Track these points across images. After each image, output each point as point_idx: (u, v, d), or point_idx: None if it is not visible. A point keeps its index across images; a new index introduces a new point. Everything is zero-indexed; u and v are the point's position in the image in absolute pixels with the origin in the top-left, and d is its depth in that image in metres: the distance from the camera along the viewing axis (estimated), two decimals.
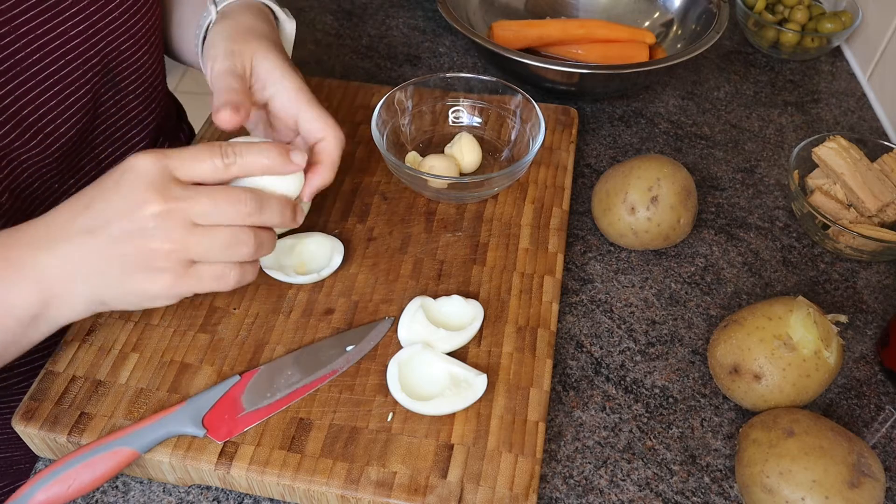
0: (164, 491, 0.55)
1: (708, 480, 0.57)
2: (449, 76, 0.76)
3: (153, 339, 0.60)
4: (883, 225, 0.73)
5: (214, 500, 0.55)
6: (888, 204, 0.72)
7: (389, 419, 0.55)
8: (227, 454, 0.53)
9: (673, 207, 0.68)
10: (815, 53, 0.97)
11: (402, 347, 0.59)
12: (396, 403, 0.56)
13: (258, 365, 0.58)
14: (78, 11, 0.61)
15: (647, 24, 0.97)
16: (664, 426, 0.60)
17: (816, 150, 0.76)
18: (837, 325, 0.61)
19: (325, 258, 0.65)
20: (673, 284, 0.70)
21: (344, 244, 0.66)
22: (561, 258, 0.67)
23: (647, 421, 0.60)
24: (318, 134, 0.58)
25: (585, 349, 0.65)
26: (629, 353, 0.65)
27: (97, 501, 0.55)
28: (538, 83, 0.86)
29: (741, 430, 0.57)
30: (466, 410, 0.56)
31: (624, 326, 0.67)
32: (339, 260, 0.64)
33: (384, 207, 0.71)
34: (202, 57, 0.64)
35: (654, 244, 0.70)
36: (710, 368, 0.62)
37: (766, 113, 0.90)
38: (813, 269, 0.73)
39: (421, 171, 0.69)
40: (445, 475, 0.52)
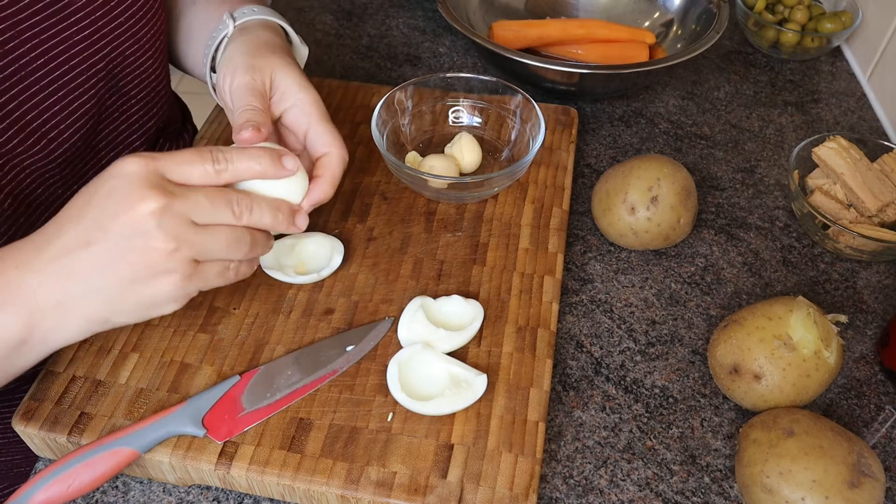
0: (164, 491, 0.55)
1: (708, 480, 0.57)
2: (449, 76, 0.76)
3: (153, 339, 0.60)
4: (883, 225, 0.73)
5: (214, 500, 0.55)
6: (888, 204, 0.72)
7: (389, 419, 0.55)
8: (227, 454, 0.53)
9: (673, 207, 0.68)
10: (815, 53, 0.97)
11: (402, 347, 0.59)
12: (396, 403, 0.56)
13: (258, 365, 0.58)
14: (84, 17, 0.61)
15: (647, 24, 0.97)
16: (664, 426, 0.60)
17: (816, 150, 0.76)
18: (837, 325, 0.61)
19: (325, 258, 0.65)
20: (673, 284, 0.70)
21: (344, 244, 0.66)
22: (561, 258, 0.67)
23: (647, 421, 0.60)
24: (323, 148, 0.58)
25: (585, 349, 0.65)
26: (629, 353, 0.65)
27: (97, 501, 0.55)
28: (538, 83, 0.86)
29: (741, 430, 0.57)
30: (466, 410, 0.56)
31: (624, 326, 0.67)
32: (339, 260, 0.64)
33: (384, 207, 0.71)
34: (215, 69, 0.64)
35: (654, 244, 0.70)
36: (710, 368, 0.62)
37: (766, 113, 0.90)
38: (813, 269, 0.73)
39: (421, 171, 0.69)
40: (445, 475, 0.52)
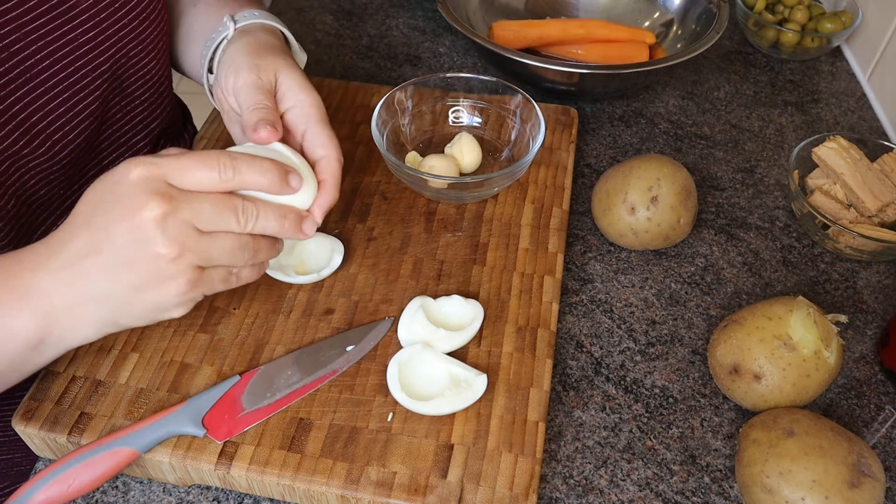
0: (164, 491, 0.55)
1: (708, 480, 0.57)
2: (449, 76, 0.76)
3: (153, 339, 0.60)
4: (883, 225, 0.73)
5: (214, 500, 0.55)
6: (888, 204, 0.72)
7: (389, 419, 0.55)
8: (227, 454, 0.53)
9: (673, 207, 0.68)
10: (815, 53, 0.97)
11: (402, 347, 0.59)
12: (396, 403, 0.56)
13: (258, 365, 0.58)
14: (88, 18, 0.61)
15: (647, 24, 0.97)
16: (664, 426, 0.60)
17: (816, 150, 0.76)
18: (837, 325, 0.61)
19: (325, 258, 0.65)
20: (673, 284, 0.70)
21: (344, 244, 0.66)
22: (561, 258, 0.67)
23: (647, 421, 0.60)
24: (320, 150, 0.57)
25: (585, 349, 0.65)
26: (629, 353, 0.65)
27: (97, 501, 0.55)
28: (538, 83, 0.86)
29: (741, 430, 0.57)
30: (466, 410, 0.56)
31: (624, 326, 0.67)
32: (339, 260, 0.64)
33: (384, 207, 0.71)
34: (214, 69, 0.64)
35: (654, 244, 0.70)
36: (710, 368, 0.62)
37: (766, 113, 0.90)
38: (813, 269, 0.73)
39: (421, 171, 0.69)
40: (445, 475, 0.52)
